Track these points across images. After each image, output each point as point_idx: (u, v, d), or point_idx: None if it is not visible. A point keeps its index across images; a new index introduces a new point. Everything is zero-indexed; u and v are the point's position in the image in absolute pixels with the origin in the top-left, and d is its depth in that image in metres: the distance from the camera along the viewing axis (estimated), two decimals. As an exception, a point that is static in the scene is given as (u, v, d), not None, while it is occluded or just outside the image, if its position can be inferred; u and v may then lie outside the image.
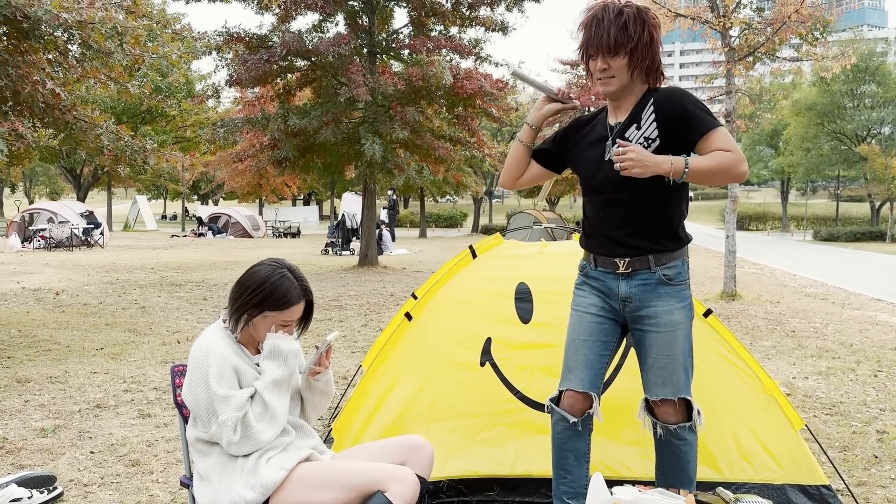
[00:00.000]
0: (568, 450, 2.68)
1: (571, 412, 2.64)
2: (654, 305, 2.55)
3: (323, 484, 2.22)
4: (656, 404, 2.60)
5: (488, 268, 3.55)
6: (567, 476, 2.69)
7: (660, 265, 2.54)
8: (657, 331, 2.55)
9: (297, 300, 2.34)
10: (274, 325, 2.34)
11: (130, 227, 39.66)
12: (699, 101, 2.53)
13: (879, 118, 36.38)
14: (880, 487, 3.50)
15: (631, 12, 2.45)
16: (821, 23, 10.98)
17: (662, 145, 2.48)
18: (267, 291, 2.31)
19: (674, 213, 2.57)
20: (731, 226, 10.82)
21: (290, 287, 2.33)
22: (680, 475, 2.62)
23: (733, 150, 2.45)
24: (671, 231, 2.57)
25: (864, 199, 41.96)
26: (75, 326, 7.85)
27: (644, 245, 2.54)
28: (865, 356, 6.75)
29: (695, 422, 2.59)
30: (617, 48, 2.44)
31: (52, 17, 6.57)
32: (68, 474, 3.57)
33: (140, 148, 8.36)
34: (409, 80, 13.44)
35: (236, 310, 2.34)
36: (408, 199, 52.36)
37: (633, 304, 2.58)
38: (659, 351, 2.56)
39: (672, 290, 2.55)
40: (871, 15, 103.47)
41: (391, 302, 10.19)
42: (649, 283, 2.55)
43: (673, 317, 2.54)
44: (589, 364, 2.63)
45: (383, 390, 3.30)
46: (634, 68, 2.48)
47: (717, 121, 2.49)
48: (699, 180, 2.46)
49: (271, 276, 2.33)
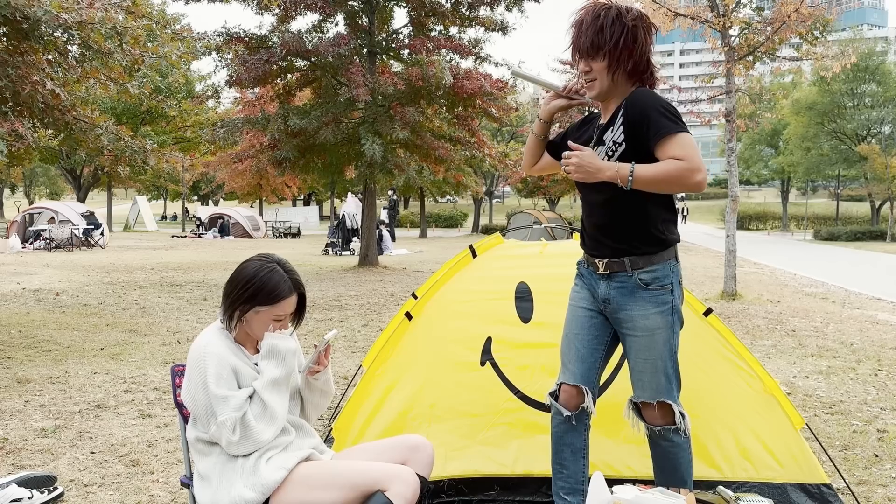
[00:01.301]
0: (564, 444, 2.70)
1: (567, 406, 2.67)
2: (630, 309, 2.53)
3: (323, 483, 2.22)
4: (640, 406, 2.62)
5: (488, 267, 3.55)
6: (563, 471, 2.71)
7: (636, 269, 2.51)
8: (633, 334, 2.54)
9: (287, 293, 2.34)
10: (269, 321, 2.34)
11: (131, 227, 39.67)
12: (667, 105, 2.42)
13: (879, 117, 36.35)
14: (881, 486, 3.50)
15: (609, 15, 2.44)
16: (821, 22, 10.97)
17: (628, 149, 2.45)
18: (257, 286, 2.31)
19: (650, 217, 2.50)
20: (731, 225, 10.82)
21: (280, 280, 2.33)
22: (672, 476, 2.62)
23: (687, 158, 2.33)
24: (648, 234, 2.51)
25: (865, 198, 41.94)
26: (75, 327, 7.85)
27: (621, 247, 2.53)
28: (866, 355, 6.75)
29: (679, 426, 2.56)
30: (594, 51, 2.45)
31: (52, 17, 6.58)
32: (69, 474, 3.57)
33: (140, 148, 8.37)
34: (409, 80, 13.44)
35: (228, 306, 2.34)
36: (408, 200, 52.36)
37: (611, 305, 2.58)
38: (637, 354, 2.55)
39: (649, 295, 2.51)
40: (871, 14, 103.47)
41: (391, 302, 10.19)
42: (626, 286, 2.53)
43: (648, 321, 2.51)
44: (581, 358, 2.64)
45: (384, 390, 3.30)
46: (614, 71, 2.47)
47: (678, 126, 2.38)
48: (648, 188, 2.39)
49: (260, 270, 2.34)
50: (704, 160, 21.93)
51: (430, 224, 42.44)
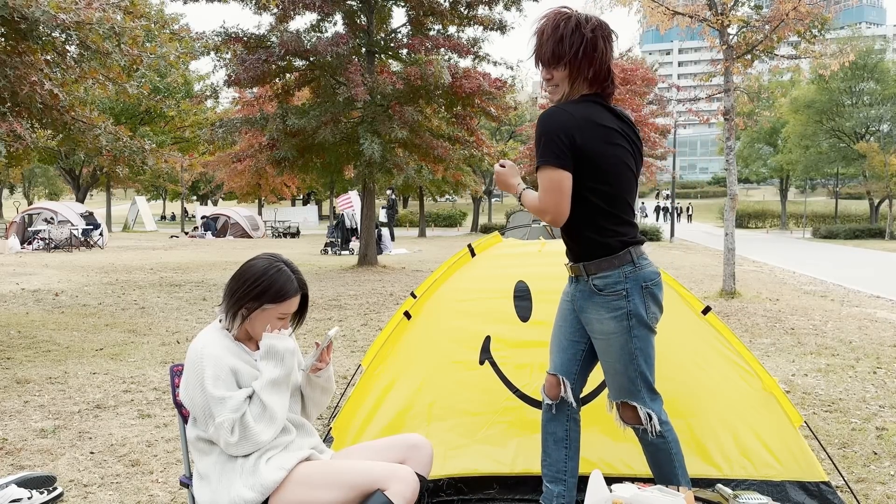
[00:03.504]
0: (548, 433, 2.80)
1: (549, 395, 2.76)
2: (588, 312, 2.60)
3: (323, 483, 2.22)
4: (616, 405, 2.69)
5: (487, 266, 3.55)
6: (547, 459, 2.80)
7: (590, 274, 2.57)
8: (594, 337, 2.63)
9: (294, 293, 2.37)
10: (272, 319, 2.35)
11: (130, 227, 39.65)
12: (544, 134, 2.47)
13: (878, 115, 36.32)
14: (879, 484, 3.51)
15: (569, 26, 2.48)
16: (819, 20, 10.96)
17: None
18: (265, 284, 2.33)
19: (595, 225, 2.53)
20: (730, 224, 10.82)
21: (287, 279, 2.36)
22: (659, 472, 2.67)
23: (540, 200, 2.49)
24: (593, 242, 2.54)
25: (863, 196, 41.93)
26: (75, 327, 7.85)
27: (577, 253, 2.62)
28: (864, 353, 6.75)
29: (646, 426, 2.60)
30: (556, 61, 2.51)
31: (50, 17, 6.57)
32: (68, 475, 3.57)
33: (139, 148, 8.36)
34: (408, 79, 13.43)
35: (234, 303, 2.34)
36: (407, 199, 52.35)
37: (577, 306, 2.66)
38: (601, 356, 2.64)
39: (603, 301, 2.55)
40: (870, 12, 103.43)
41: (390, 301, 10.19)
42: (584, 290, 2.60)
43: (603, 326, 2.56)
44: (562, 348, 2.72)
45: (383, 389, 3.31)
46: (574, 79, 2.54)
47: (542, 159, 2.46)
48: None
49: (269, 269, 2.35)
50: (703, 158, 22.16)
51: (429, 223, 42.41)
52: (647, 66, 27.62)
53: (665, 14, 10.74)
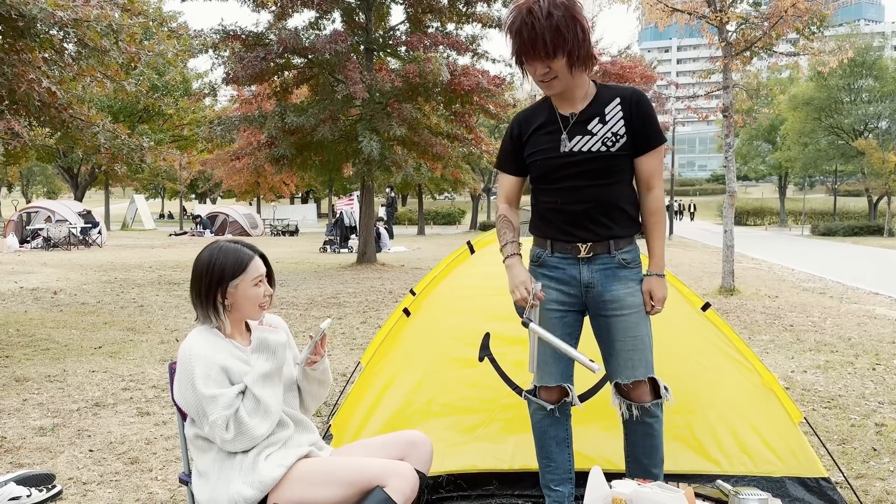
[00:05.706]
0: (549, 437, 2.77)
1: (549, 401, 2.74)
2: (616, 289, 2.61)
3: (322, 480, 2.21)
4: (629, 387, 2.64)
5: (486, 263, 3.54)
6: (551, 464, 2.78)
7: (619, 249, 2.62)
8: (622, 314, 2.60)
9: (249, 257, 2.36)
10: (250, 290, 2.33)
11: (128, 226, 39.64)
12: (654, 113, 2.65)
13: (877, 113, 36.33)
14: (879, 480, 3.51)
15: (560, 14, 2.40)
16: (818, 17, 10.95)
17: (628, 143, 2.57)
18: (219, 265, 2.33)
19: (630, 198, 2.65)
20: (729, 221, 10.82)
21: (235, 250, 2.36)
22: (654, 456, 2.67)
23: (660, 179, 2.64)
24: (627, 216, 2.64)
25: (862, 193, 41.98)
26: (73, 325, 7.84)
27: (603, 230, 2.61)
28: (864, 350, 6.76)
29: (664, 397, 2.66)
30: (555, 52, 2.44)
31: (48, 15, 6.55)
32: (67, 472, 3.56)
33: (137, 146, 8.34)
34: (407, 77, 13.42)
35: (205, 300, 2.34)
36: (406, 197, 52.33)
37: (595, 289, 2.63)
38: (626, 333, 2.61)
39: (630, 274, 2.63)
40: (868, 9, 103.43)
41: (390, 299, 10.19)
42: (609, 266, 2.61)
43: (635, 298, 2.61)
44: (558, 358, 2.68)
45: (382, 386, 3.30)
46: (573, 65, 2.49)
47: (662, 136, 2.63)
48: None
49: (213, 252, 2.36)
50: (702, 156, 22.22)
51: (428, 221, 42.43)
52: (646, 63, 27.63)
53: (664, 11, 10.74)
